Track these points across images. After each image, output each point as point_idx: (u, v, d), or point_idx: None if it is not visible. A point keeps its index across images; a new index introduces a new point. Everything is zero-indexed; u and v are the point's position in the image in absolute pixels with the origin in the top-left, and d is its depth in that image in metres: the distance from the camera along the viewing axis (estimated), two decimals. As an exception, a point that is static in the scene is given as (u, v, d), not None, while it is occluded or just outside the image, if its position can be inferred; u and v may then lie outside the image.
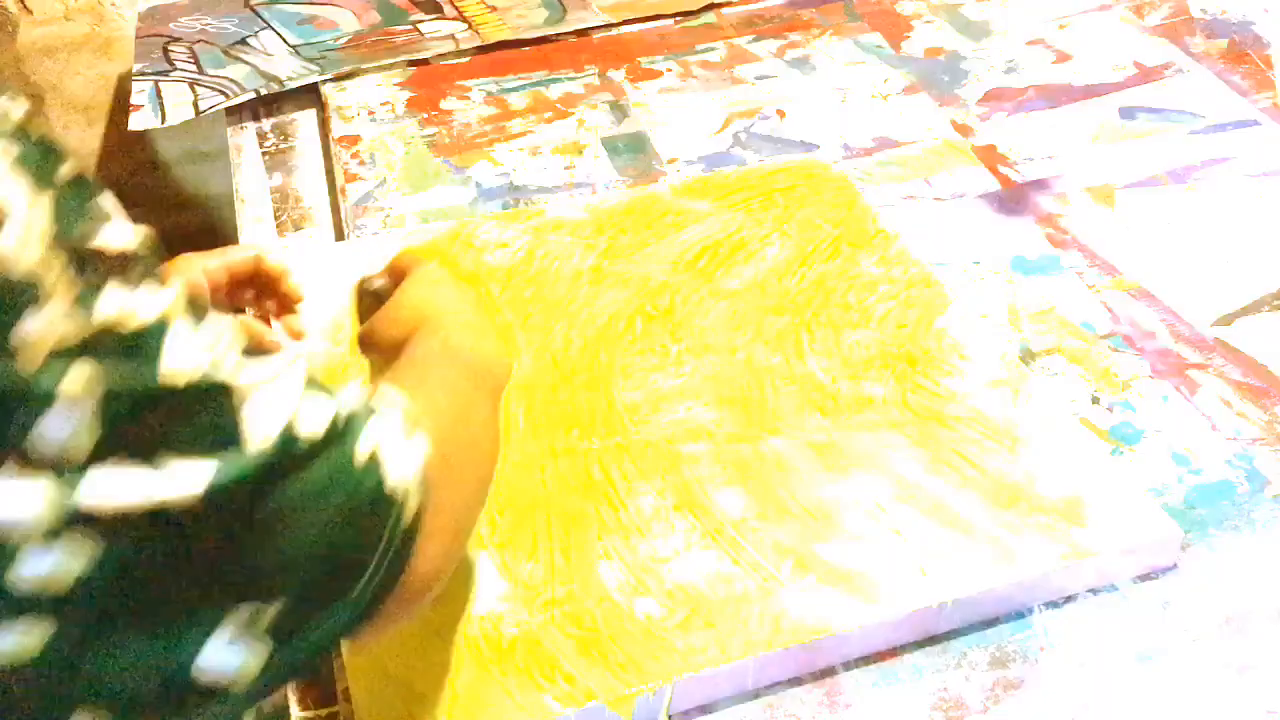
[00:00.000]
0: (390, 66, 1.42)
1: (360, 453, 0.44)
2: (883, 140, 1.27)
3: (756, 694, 0.76)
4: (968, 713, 0.74)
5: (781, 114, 1.32)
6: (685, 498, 0.84)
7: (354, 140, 1.29)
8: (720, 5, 1.53)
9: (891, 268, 1.04)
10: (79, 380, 0.36)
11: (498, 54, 1.46)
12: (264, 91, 1.35)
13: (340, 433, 0.44)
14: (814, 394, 0.92)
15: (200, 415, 0.39)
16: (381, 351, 0.65)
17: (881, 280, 1.02)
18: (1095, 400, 0.95)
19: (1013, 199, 1.18)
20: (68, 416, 0.36)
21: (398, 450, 0.46)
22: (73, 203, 0.38)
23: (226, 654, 0.41)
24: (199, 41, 1.47)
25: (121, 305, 0.38)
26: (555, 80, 1.40)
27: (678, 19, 1.52)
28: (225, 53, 1.44)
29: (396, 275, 0.72)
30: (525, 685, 0.73)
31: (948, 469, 0.86)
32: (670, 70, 1.41)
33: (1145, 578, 0.82)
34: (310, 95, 1.38)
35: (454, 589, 0.79)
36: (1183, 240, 1.11)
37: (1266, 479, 0.88)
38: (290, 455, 0.41)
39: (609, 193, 1.19)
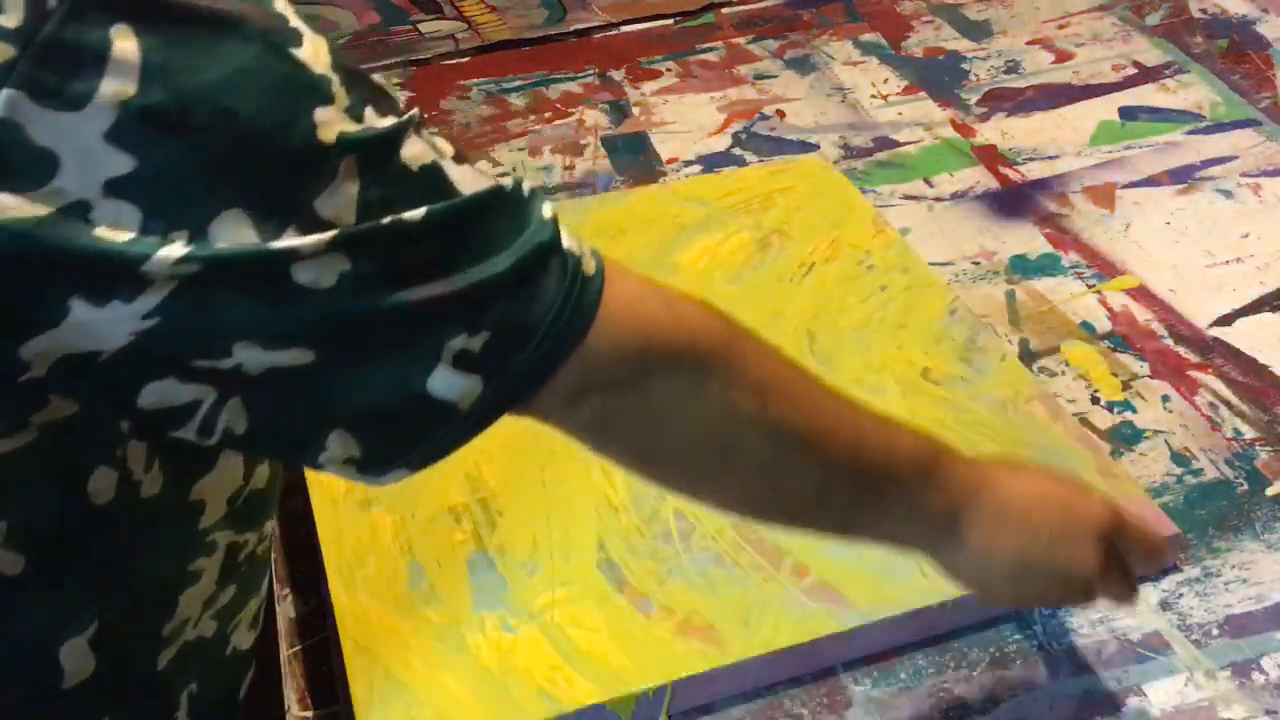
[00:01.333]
0: (390, 66, 1.42)
1: (545, 213, 0.53)
2: (883, 140, 1.27)
3: (756, 694, 0.76)
4: (968, 713, 0.74)
5: (781, 114, 1.32)
6: (685, 498, 0.84)
7: (354, 140, 1.29)
8: (720, 5, 1.53)
9: (891, 268, 1.04)
10: (351, 164, 0.47)
11: (498, 54, 1.46)
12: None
13: (531, 198, 0.53)
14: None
15: (424, 183, 0.49)
16: None
17: (881, 280, 1.02)
18: (1095, 400, 0.95)
19: (1013, 199, 1.18)
20: (341, 192, 0.46)
21: (572, 237, 0.54)
22: (338, 50, 0.48)
23: (452, 378, 0.50)
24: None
25: (375, 121, 0.48)
26: (555, 80, 1.40)
27: (678, 19, 1.52)
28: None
29: None
30: (525, 685, 0.73)
31: (948, 469, 0.85)
32: (670, 70, 1.41)
33: (1145, 578, 0.82)
34: (310, 95, 1.38)
35: (454, 589, 0.79)
36: (1183, 240, 1.11)
37: (1266, 479, 0.88)
38: (495, 201, 0.51)
39: (609, 193, 1.19)
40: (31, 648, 0.55)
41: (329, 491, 0.86)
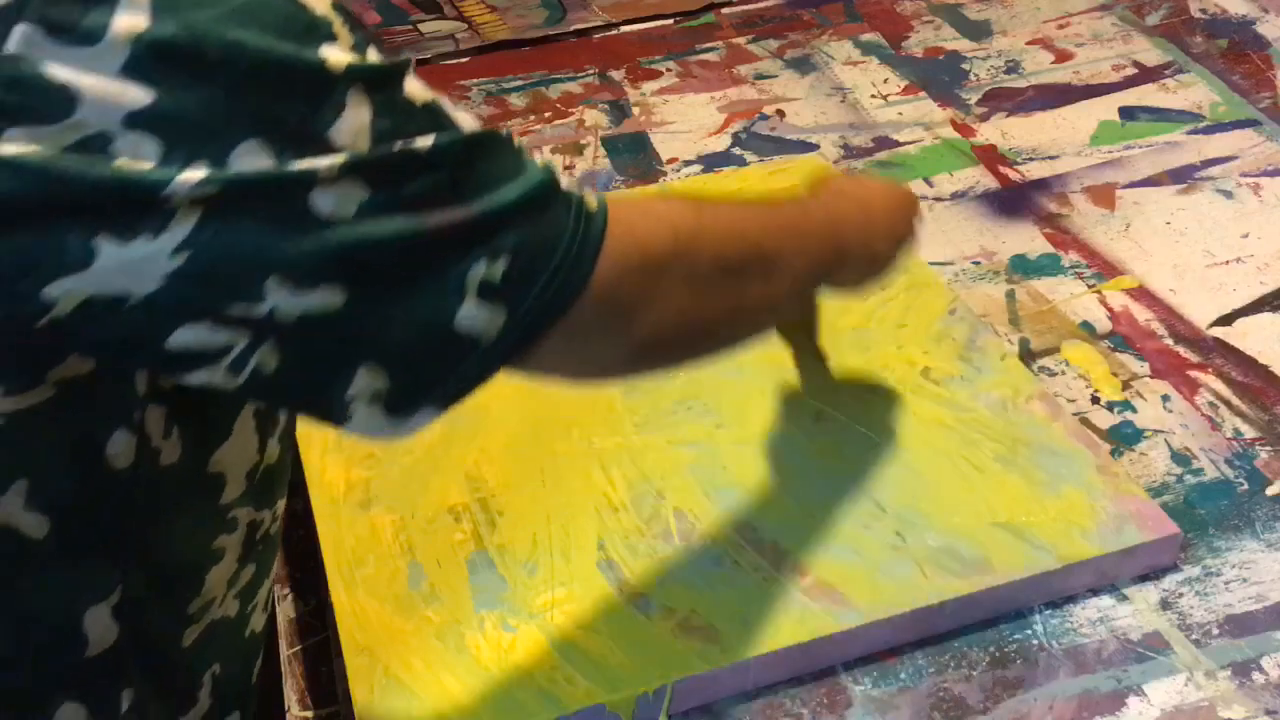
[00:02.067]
0: (390, 66, 1.42)
1: (538, 162, 0.55)
2: (883, 140, 1.27)
3: (756, 694, 0.76)
4: (968, 713, 0.74)
5: (781, 114, 1.32)
6: (685, 498, 0.84)
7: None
8: (720, 5, 1.53)
9: (891, 268, 1.03)
10: (360, 93, 0.48)
11: (498, 54, 1.46)
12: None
13: (522, 149, 0.55)
14: (814, 394, 0.92)
15: (428, 117, 0.51)
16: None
17: (881, 280, 1.02)
18: (1095, 400, 0.95)
19: (1013, 199, 1.18)
20: (354, 119, 0.48)
21: (569, 182, 0.57)
22: None
23: (476, 310, 0.51)
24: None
25: (380, 56, 0.50)
26: (555, 80, 1.40)
27: (678, 19, 1.52)
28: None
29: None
30: (525, 685, 0.73)
31: (948, 469, 0.85)
32: (670, 70, 1.41)
33: (1145, 578, 0.82)
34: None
35: (454, 589, 0.79)
36: (1183, 240, 1.11)
37: (1266, 479, 0.88)
38: (493, 140, 0.53)
39: (609, 193, 1.19)
40: (56, 614, 0.56)
41: (329, 491, 0.86)
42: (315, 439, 0.90)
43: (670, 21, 1.51)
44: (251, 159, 0.46)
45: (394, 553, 0.82)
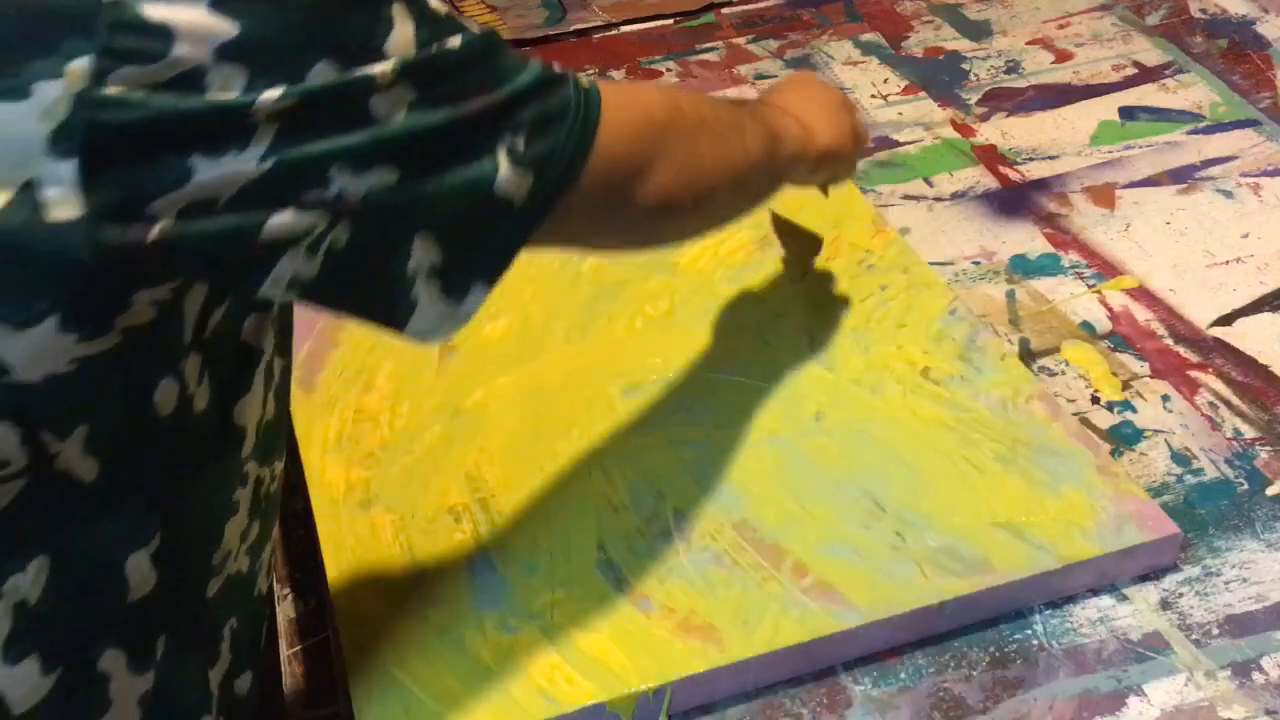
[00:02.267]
0: (390, 66, 1.42)
1: (538, 62, 0.62)
2: (883, 140, 1.27)
3: (756, 694, 0.76)
4: (968, 713, 0.74)
5: (781, 114, 1.32)
6: (685, 498, 0.84)
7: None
8: (720, 5, 1.53)
9: (891, 268, 1.04)
10: (402, 10, 0.54)
11: (498, 54, 1.46)
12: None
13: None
14: (814, 394, 0.92)
15: (450, 23, 0.57)
16: None
17: (881, 280, 1.02)
18: (1095, 400, 0.95)
19: (1013, 199, 1.18)
20: (402, 33, 0.54)
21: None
22: None
23: (509, 174, 0.59)
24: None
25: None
26: (555, 80, 1.40)
27: (678, 19, 1.52)
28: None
29: None
30: (525, 685, 0.73)
31: (948, 469, 0.85)
32: (670, 70, 1.41)
33: (1145, 578, 0.82)
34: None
35: (454, 589, 0.79)
36: (1183, 240, 1.11)
37: (1266, 479, 0.88)
38: (497, 39, 0.60)
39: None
40: (100, 559, 0.58)
41: (329, 491, 0.86)
42: (315, 439, 0.90)
43: (670, 21, 1.51)
44: (322, 77, 0.51)
45: (394, 553, 0.82)
